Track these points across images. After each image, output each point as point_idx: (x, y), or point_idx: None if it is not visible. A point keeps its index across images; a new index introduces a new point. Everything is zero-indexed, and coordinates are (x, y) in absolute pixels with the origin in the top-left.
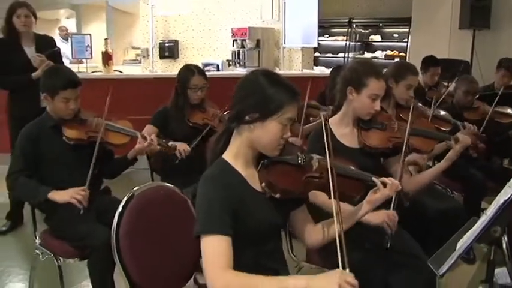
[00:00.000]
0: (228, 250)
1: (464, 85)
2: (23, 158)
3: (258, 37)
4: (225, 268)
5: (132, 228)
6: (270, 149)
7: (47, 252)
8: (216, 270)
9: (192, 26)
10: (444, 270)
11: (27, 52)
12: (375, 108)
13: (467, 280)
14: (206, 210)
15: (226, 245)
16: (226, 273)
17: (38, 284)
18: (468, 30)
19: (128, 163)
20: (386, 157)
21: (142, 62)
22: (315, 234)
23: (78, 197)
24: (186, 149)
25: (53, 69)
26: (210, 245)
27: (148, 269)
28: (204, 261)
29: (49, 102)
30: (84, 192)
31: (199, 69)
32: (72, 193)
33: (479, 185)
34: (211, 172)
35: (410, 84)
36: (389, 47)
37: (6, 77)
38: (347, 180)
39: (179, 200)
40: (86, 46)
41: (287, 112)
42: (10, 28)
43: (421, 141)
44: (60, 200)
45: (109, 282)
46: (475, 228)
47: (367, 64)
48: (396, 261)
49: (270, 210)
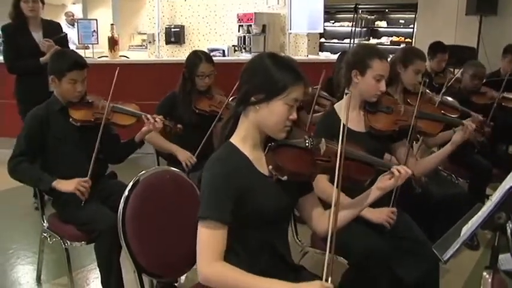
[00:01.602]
0: (222, 238)
1: (471, 69)
2: (28, 140)
3: (264, 22)
4: (216, 258)
5: (138, 212)
6: (276, 130)
7: (55, 236)
8: (206, 259)
9: (198, 11)
10: (448, 256)
11: (35, 37)
12: (381, 89)
13: (471, 266)
14: (208, 195)
15: (220, 233)
16: (215, 264)
17: (46, 267)
18: (475, 16)
19: (135, 146)
20: (393, 141)
21: (148, 47)
22: (324, 221)
23: (81, 189)
24: (192, 160)
25: (60, 52)
26: (205, 231)
27: (154, 252)
28: (198, 245)
29: (56, 85)
30: (87, 184)
31: (207, 56)
32: (77, 185)
33: (484, 172)
34: (217, 155)
35: (419, 69)
36: (395, 33)
37: (16, 61)
38: (357, 164)
39: (185, 185)
40: (92, 31)
41: (292, 92)
42: (18, 13)
43: (427, 123)
44: (65, 190)
45: (115, 265)
46: (479, 214)
47: (368, 46)
48: (400, 247)
49: (277, 194)
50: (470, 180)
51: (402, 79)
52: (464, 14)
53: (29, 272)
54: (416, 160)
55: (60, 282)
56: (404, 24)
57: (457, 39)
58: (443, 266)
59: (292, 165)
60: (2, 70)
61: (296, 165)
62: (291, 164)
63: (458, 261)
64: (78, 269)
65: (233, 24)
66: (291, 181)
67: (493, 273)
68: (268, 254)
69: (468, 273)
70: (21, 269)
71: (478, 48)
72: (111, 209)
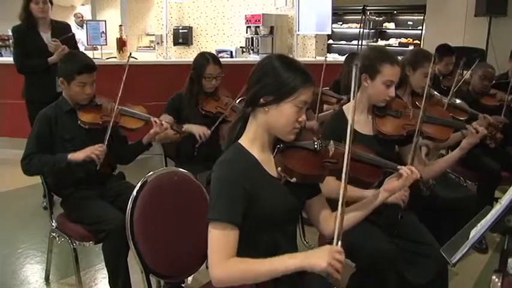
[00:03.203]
0: (233, 240)
1: (480, 70)
2: (39, 140)
3: (272, 24)
4: (227, 257)
5: (145, 213)
6: (285, 132)
7: (63, 235)
8: (217, 260)
9: (206, 13)
10: (457, 259)
11: (44, 38)
12: (390, 95)
13: (479, 269)
14: (217, 196)
15: (231, 234)
16: (226, 263)
17: (54, 266)
18: (484, 17)
19: (143, 148)
20: (400, 145)
21: (156, 48)
22: (332, 223)
23: (97, 153)
24: (206, 132)
25: (69, 54)
26: (216, 232)
27: (161, 253)
28: (209, 247)
29: (65, 87)
30: (102, 148)
31: (215, 58)
32: (92, 149)
33: (493, 174)
34: (226, 156)
35: (428, 72)
36: (403, 35)
37: (25, 61)
38: (364, 166)
39: (193, 186)
40: (100, 33)
41: (301, 95)
42: (28, 14)
43: (436, 129)
44: (82, 157)
45: (123, 265)
46: (489, 217)
47: (380, 51)
48: (408, 249)
49: (286, 196)
50: (478, 182)
51: (411, 82)
52: (473, 15)
53: (37, 272)
54: (425, 164)
55: (68, 282)
56: (412, 26)
57: (465, 41)
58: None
59: (300, 167)
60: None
61: (305, 167)
62: (299, 166)
63: (466, 264)
64: (86, 268)
65: (241, 25)
66: (299, 183)
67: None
68: (275, 256)
69: (477, 276)
70: (29, 269)
71: (487, 50)
72: (119, 209)
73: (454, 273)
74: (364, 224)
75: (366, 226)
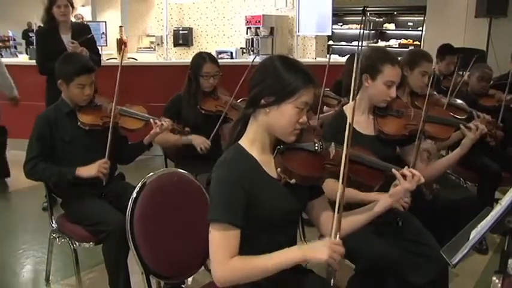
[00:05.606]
0: (234, 239)
1: (477, 71)
2: (40, 143)
3: (272, 25)
4: (229, 257)
5: (146, 214)
6: (286, 133)
7: (63, 236)
8: (220, 260)
9: (206, 14)
10: (457, 260)
11: (64, 39)
12: (391, 95)
13: (479, 270)
14: (218, 197)
15: (232, 235)
16: (229, 263)
17: (54, 267)
18: (484, 18)
19: (143, 147)
20: (402, 145)
21: (156, 49)
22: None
23: (104, 171)
24: (206, 143)
25: (67, 56)
26: (217, 233)
27: (161, 254)
28: (210, 248)
29: (64, 88)
30: (107, 164)
31: (211, 57)
32: (99, 167)
33: (494, 175)
34: (225, 157)
35: (425, 71)
36: (403, 36)
37: (45, 63)
38: (366, 168)
39: (193, 187)
40: (101, 33)
41: (302, 96)
42: (50, 17)
43: (437, 128)
44: (89, 174)
45: (123, 266)
46: (489, 218)
47: (382, 51)
48: (409, 250)
49: (285, 197)
50: (478, 183)
51: (409, 82)
52: (474, 16)
53: (38, 272)
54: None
55: (68, 283)
56: (413, 27)
57: (466, 42)
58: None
59: (300, 168)
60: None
61: (304, 168)
62: (299, 167)
63: (467, 265)
64: (87, 269)
65: (241, 26)
66: (299, 184)
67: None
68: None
69: (477, 277)
70: (30, 269)
71: (487, 51)
72: (119, 210)
73: (455, 274)
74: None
75: (367, 230)
